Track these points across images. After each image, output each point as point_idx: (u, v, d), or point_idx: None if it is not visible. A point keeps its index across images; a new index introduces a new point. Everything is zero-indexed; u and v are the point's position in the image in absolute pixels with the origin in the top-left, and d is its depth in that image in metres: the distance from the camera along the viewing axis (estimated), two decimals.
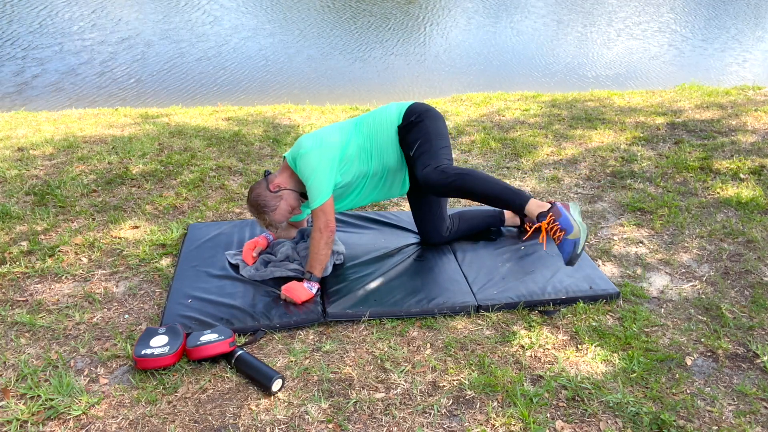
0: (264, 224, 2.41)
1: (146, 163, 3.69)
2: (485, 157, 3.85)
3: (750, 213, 3.05)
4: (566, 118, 4.64)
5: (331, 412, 1.82)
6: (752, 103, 4.96)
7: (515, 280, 2.44)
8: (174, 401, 1.85)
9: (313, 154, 2.30)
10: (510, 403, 1.85)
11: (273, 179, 2.40)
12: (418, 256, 2.62)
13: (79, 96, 6.40)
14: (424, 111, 2.44)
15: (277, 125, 4.57)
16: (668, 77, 7.40)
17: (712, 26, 10.13)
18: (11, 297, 2.36)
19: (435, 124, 2.42)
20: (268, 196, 2.36)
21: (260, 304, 2.26)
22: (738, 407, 1.86)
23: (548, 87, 6.83)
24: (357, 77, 7.25)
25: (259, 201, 2.36)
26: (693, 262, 2.65)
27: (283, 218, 2.38)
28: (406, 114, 2.44)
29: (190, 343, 1.98)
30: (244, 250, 2.54)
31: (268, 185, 2.38)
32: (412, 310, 2.26)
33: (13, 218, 2.97)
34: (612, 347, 2.10)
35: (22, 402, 1.84)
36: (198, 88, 6.72)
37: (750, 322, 2.24)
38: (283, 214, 2.37)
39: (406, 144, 2.41)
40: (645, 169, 3.62)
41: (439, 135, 2.41)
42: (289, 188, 2.39)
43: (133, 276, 2.51)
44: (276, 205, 2.35)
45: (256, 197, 2.37)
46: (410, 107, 2.47)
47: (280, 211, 2.36)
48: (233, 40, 8.51)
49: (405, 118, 2.43)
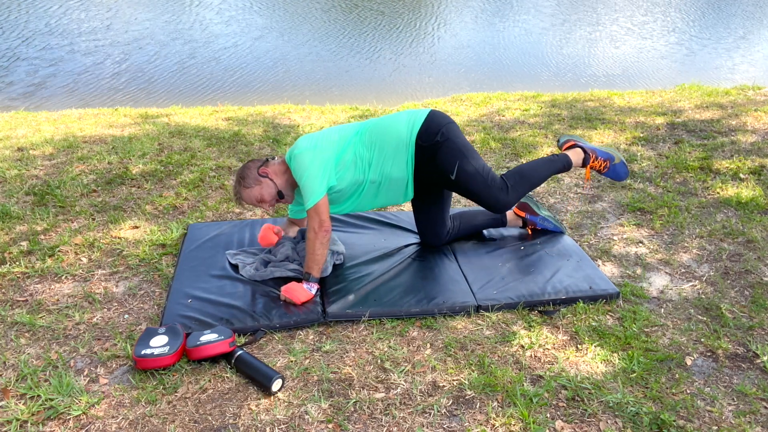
0: (233, 192, 2.44)
1: (146, 163, 3.70)
2: (485, 157, 3.85)
3: (750, 213, 3.05)
4: (566, 118, 4.64)
5: (331, 412, 1.82)
6: (752, 103, 4.96)
7: (515, 280, 2.44)
8: (174, 401, 1.85)
9: (307, 154, 2.30)
10: (510, 403, 1.85)
11: (269, 165, 2.42)
12: (418, 256, 2.62)
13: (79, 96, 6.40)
14: (446, 128, 2.38)
15: (277, 125, 4.57)
16: (668, 77, 7.40)
17: (712, 26, 10.14)
18: (11, 297, 2.36)
19: (459, 138, 2.40)
20: (254, 175, 2.38)
21: (260, 304, 2.27)
22: (738, 407, 1.86)
23: (548, 87, 6.83)
24: (357, 77, 7.25)
25: (244, 172, 2.40)
26: (693, 262, 2.65)
27: (249, 200, 2.40)
28: (425, 132, 2.37)
29: (190, 343, 1.98)
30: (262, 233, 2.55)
31: (260, 166, 2.41)
32: (412, 310, 2.26)
33: (13, 218, 2.97)
34: (612, 347, 2.10)
35: (22, 402, 1.84)
36: (198, 88, 6.72)
37: (750, 322, 2.24)
38: (252, 197, 2.39)
39: (439, 166, 2.38)
40: (645, 169, 3.62)
41: (470, 150, 2.42)
42: (274, 181, 2.39)
43: (133, 276, 2.51)
44: (252, 185, 2.37)
45: (244, 167, 2.42)
46: (426, 124, 2.38)
47: (251, 192, 2.38)
48: (234, 41, 8.51)
49: (425, 137, 2.36)
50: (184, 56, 7.73)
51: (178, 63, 7.48)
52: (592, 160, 2.64)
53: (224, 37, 8.69)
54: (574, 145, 2.68)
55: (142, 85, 6.75)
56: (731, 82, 6.95)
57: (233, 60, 7.66)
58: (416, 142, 2.36)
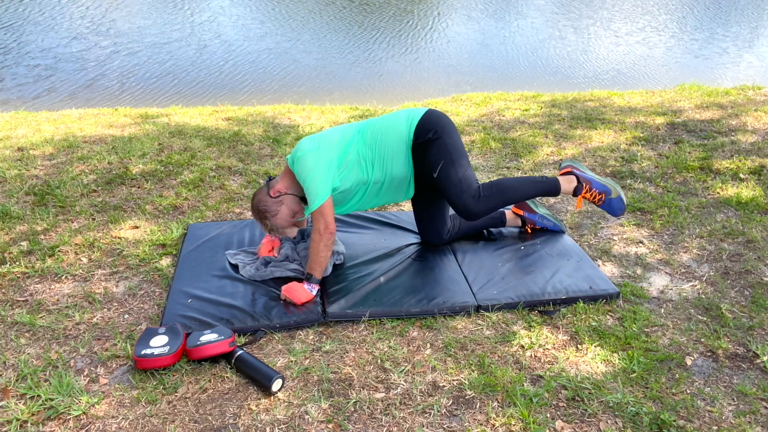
0: (266, 229, 2.41)
1: (146, 163, 3.70)
2: (485, 157, 3.85)
3: (750, 213, 3.05)
4: (566, 118, 4.64)
5: (331, 412, 1.82)
6: (752, 103, 4.96)
7: (515, 280, 2.44)
8: (174, 401, 1.85)
9: (310, 156, 2.29)
10: (510, 403, 1.85)
11: (274, 184, 2.40)
12: (418, 256, 2.62)
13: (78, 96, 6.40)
14: (440, 126, 2.39)
15: (277, 125, 4.57)
16: (668, 77, 7.40)
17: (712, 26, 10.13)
18: (11, 297, 2.36)
19: (452, 139, 2.39)
20: (269, 201, 2.36)
21: (260, 304, 2.27)
22: (738, 407, 1.86)
23: (548, 87, 6.83)
24: (357, 77, 7.25)
25: (261, 207, 2.36)
26: (693, 262, 2.65)
27: (285, 223, 2.37)
28: (421, 129, 2.38)
29: (190, 343, 1.98)
30: (261, 248, 2.55)
31: (268, 191, 2.38)
32: (412, 310, 2.26)
33: (13, 218, 2.97)
34: (612, 347, 2.10)
35: (22, 402, 1.84)
36: (198, 88, 6.72)
37: (750, 322, 2.24)
38: (284, 219, 2.37)
39: (426, 163, 2.39)
40: (645, 169, 3.62)
41: (460, 152, 2.39)
42: (290, 193, 2.38)
43: (133, 276, 2.51)
44: (277, 210, 2.35)
45: (257, 203, 2.38)
46: (423, 120, 2.40)
47: (281, 216, 2.36)
48: (234, 41, 8.51)
49: (419, 134, 2.38)
50: (184, 56, 7.73)
51: (179, 63, 7.48)
52: (585, 190, 2.53)
53: (224, 36, 8.69)
54: (571, 172, 2.58)
55: (142, 85, 6.75)
56: (731, 82, 6.95)
57: (233, 60, 7.66)
58: (413, 138, 2.38)
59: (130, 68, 7.24)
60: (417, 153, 2.39)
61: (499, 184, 2.44)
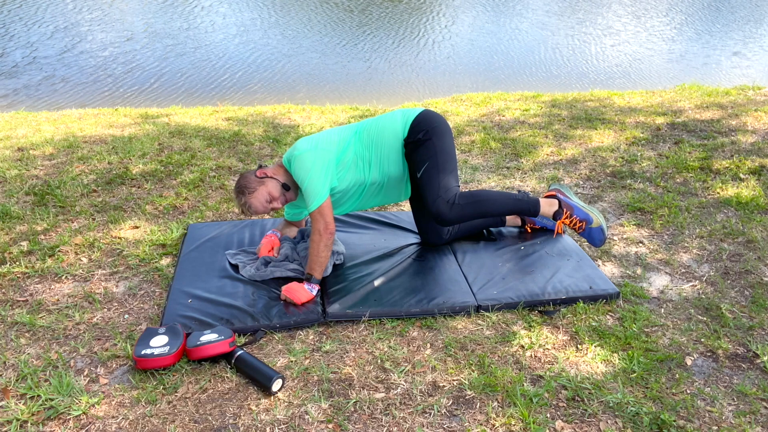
0: (240, 206, 2.39)
1: (146, 163, 3.70)
2: (485, 157, 3.85)
3: (750, 213, 3.05)
4: (566, 118, 4.64)
5: (331, 412, 1.82)
6: (752, 103, 4.96)
7: (515, 280, 2.44)
8: (174, 401, 1.85)
9: (308, 155, 2.29)
10: (510, 403, 1.85)
11: (264, 168, 2.42)
12: (418, 256, 2.62)
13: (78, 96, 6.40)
14: (432, 127, 2.39)
15: (277, 125, 4.57)
16: (668, 77, 7.40)
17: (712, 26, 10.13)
18: (11, 297, 2.36)
19: (442, 142, 2.38)
20: (252, 179, 2.37)
21: (260, 304, 2.27)
22: (738, 407, 1.86)
23: (548, 87, 6.83)
24: (357, 77, 7.25)
25: (241, 182, 2.37)
26: (693, 262, 2.65)
27: (259, 204, 2.35)
28: (413, 128, 2.39)
29: (190, 343, 1.98)
30: (261, 248, 2.55)
31: (255, 171, 2.40)
32: (412, 310, 2.26)
33: (13, 218, 2.97)
34: (612, 347, 2.10)
35: (22, 402, 1.84)
36: (198, 88, 6.72)
37: (750, 322, 2.24)
38: (260, 200, 2.34)
39: (413, 162, 2.39)
40: (645, 169, 3.62)
41: (447, 156, 2.38)
42: (275, 178, 2.38)
43: (133, 276, 2.51)
44: (255, 189, 2.34)
45: (240, 179, 2.39)
46: (417, 120, 2.41)
47: (258, 195, 2.34)
48: (234, 41, 8.51)
49: (412, 133, 2.39)
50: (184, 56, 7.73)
51: (179, 63, 7.48)
52: (565, 216, 2.50)
53: (224, 37, 8.69)
54: (555, 196, 2.55)
55: (142, 85, 6.75)
56: (731, 82, 6.95)
57: (233, 60, 7.66)
58: (406, 137, 2.39)
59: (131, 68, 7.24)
60: (408, 151, 2.41)
61: (478, 195, 2.41)
